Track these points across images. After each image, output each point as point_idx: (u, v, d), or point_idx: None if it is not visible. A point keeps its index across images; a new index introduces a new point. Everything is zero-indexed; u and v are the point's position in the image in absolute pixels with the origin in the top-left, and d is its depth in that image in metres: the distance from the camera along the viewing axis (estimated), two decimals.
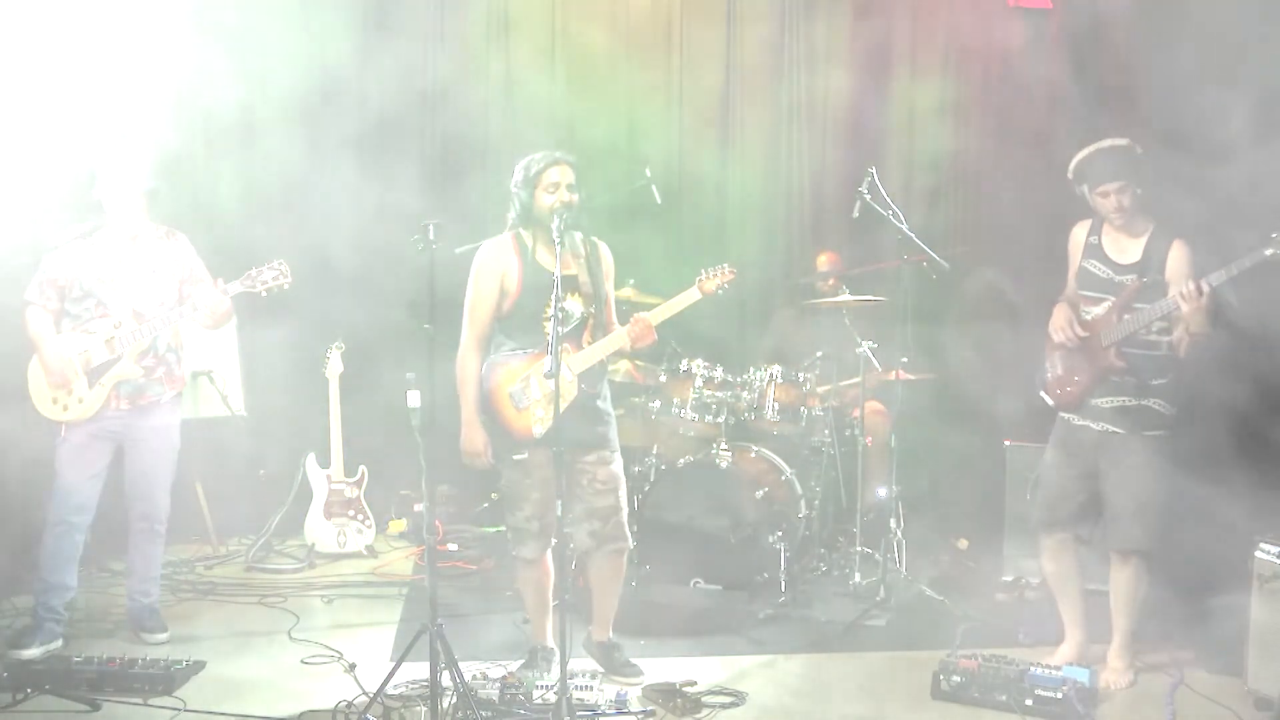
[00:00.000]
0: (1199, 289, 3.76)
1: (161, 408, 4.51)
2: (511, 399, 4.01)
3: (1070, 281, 4.28)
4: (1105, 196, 4.04)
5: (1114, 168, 4.00)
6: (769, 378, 5.35)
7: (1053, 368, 4.25)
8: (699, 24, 6.67)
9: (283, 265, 4.38)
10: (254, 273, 4.36)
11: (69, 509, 4.40)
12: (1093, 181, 4.06)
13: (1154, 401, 4.06)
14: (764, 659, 4.45)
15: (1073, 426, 4.21)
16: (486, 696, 3.83)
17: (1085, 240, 4.20)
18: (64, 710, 3.86)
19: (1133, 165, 4.01)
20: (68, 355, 4.33)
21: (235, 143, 6.22)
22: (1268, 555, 3.94)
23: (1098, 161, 4.04)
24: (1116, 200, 4.02)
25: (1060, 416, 4.27)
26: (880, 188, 4.88)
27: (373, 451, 5.95)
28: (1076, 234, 4.26)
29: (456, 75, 6.46)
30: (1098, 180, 4.04)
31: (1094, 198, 4.09)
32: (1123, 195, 4.01)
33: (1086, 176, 4.08)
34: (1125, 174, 3.99)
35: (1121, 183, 3.99)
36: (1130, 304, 4.03)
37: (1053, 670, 3.98)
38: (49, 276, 4.39)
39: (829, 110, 6.75)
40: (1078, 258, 4.22)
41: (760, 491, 5.04)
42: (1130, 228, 4.08)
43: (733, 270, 4.10)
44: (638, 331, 3.99)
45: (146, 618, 4.58)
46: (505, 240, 4.11)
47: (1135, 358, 4.04)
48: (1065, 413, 4.24)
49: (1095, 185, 4.05)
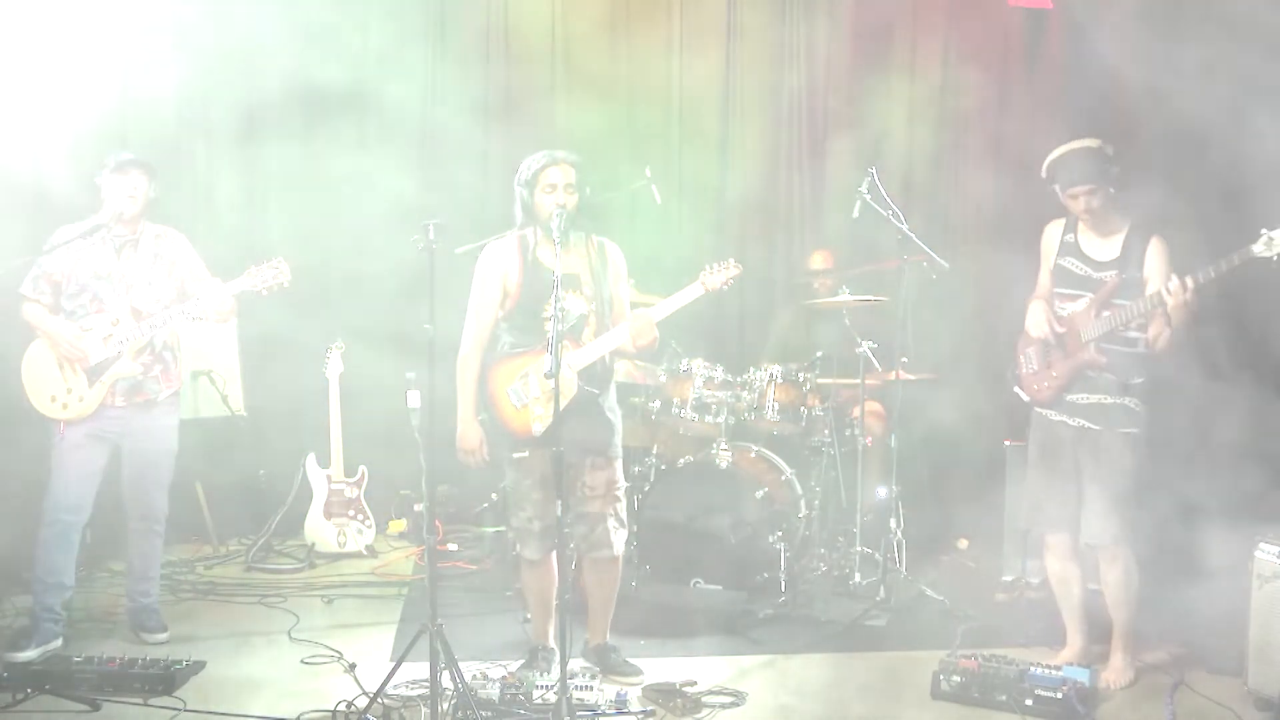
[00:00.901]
0: (1184, 285, 3.77)
1: (158, 406, 4.50)
2: (511, 396, 4.02)
3: (1044, 279, 4.29)
4: (1074, 199, 4.06)
5: (1083, 170, 4.02)
6: (769, 378, 5.34)
7: (1027, 363, 4.27)
8: (699, 24, 6.67)
9: (281, 263, 4.37)
10: (254, 270, 4.36)
11: (65, 508, 4.38)
12: (1063, 183, 4.08)
13: (1130, 400, 4.08)
14: (764, 659, 4.45)
15: (1050, 423, 4.22)
16: (486, 696, 3.83)
17: (1060, 238, 4.22)
18: (64, 710, 3.86)
19: (1102, 167, 4.02)
20: (71, 336, 4.30)
21: (235, 142, 6.22)
22: (1268, 555, 3.94)
23: (1068, 163, 4.06)
24: (1085, 202, 4.04)
25: (1036, 413, 4.29)
26: (880, 188, 4.89)
27: (373, 451, 5.95)
28: (1050, 232, 4.28)
29: (457, 74, 6.45)
30: (1068, 182, 4.06)
31: (1064, 198, 4.11)
32: (1092, 197, 4.03)
33: (1057, 177, 4.10)
34: (1094, 177, 4.00)
35: (1090, 185, 4.01)
36: (1109, 300, 4.04)
37: (1053, 670, 3.98)
38: (44, 271, 4.37)
39: (829, 110, 6.75)
40: (1052, 255, 4.24)
41: (760, 491, 5.04)
42: (1104, 226, 4.10)
43: (738, 265, 4.09)
44: (638, 328, 3.98)
45: (146, 618, 4.58)
46: (509, 240, 4.11)
47: (1115, 354, 4.06)
48: (1041, 408, 4.25)
49: (1065, 187, 4.08)
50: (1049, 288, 4.25)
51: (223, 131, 6.21)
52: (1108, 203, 4.06)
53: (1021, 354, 4.30)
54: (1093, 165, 4.02)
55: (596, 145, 6.06)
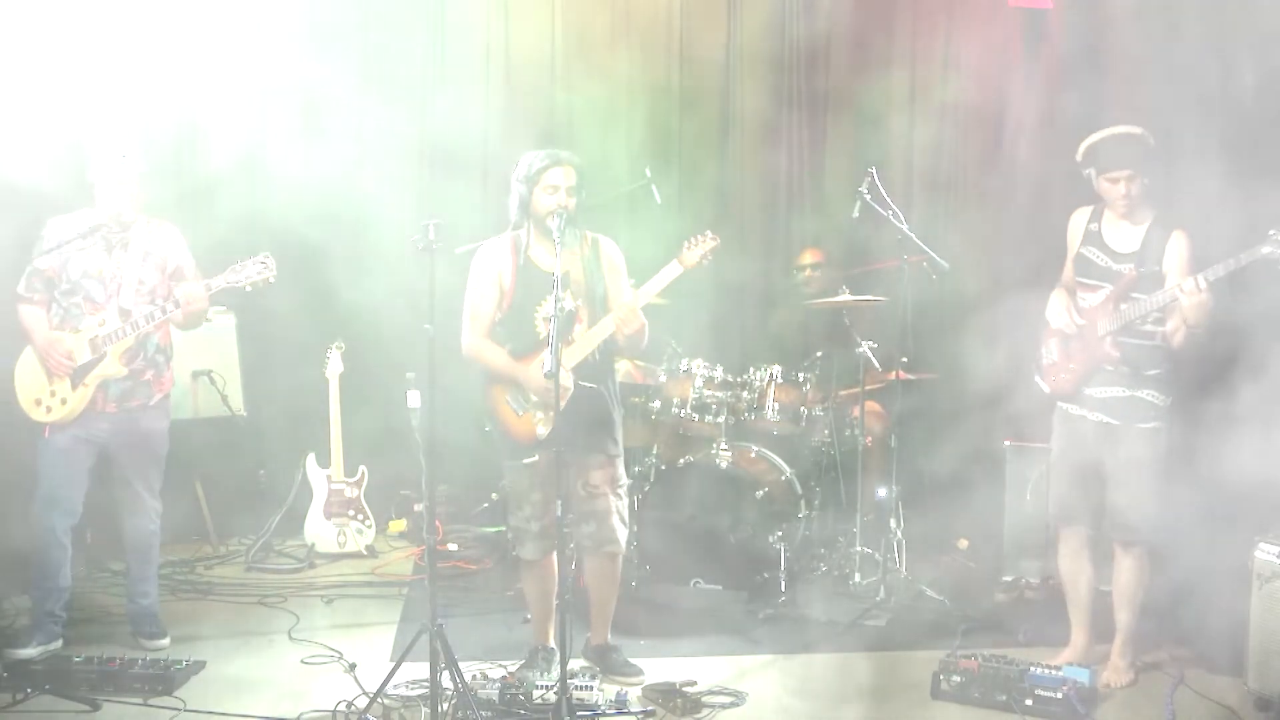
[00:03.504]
0: (1198, 284, 3.76)
1: (148, 411, 4.45)
2: (512, 404, 4.01)
3: (1068, 267, 4.28)
4: (1115, 183, 4.03)
5: (1127, 155, 4.00)
6: (769, 378, 5.34)
7: (1049, 354, 4.26)
8: (699, 23, 6.66)
9: (268, 259, 4.30)
10: (238, 267, 4.29)
11: (53, 512, 4.36)
12: (1102, 166, 4.04)
13: (1147, 393, 4.06)
14: (764, 659, 4.45)
15: (1071, 417, 4.22)
16: (486, 696, 3.83)
17: (1085, 226, 4.20)
18: (64, 710, 3.86)
19: (1144, 155, 4.01)
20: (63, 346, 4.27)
21: (233, 141, 6.21)
22: (1268, 555, 3.94)
23: (1111, 147, 4.03)
24: (1126, 187, 4.01)
25: (1059, 407, 4.28)
26: (880, 188, 4.89)
27: (373, 451, 5.95)
28: (1076, 220, 4.25)
29: (457, 74, 6.45)
30: (1108, 165, 4.02)
31: (1101, 182, 4.07)
32: (1131, 183, 4.01)
33: (1097, 161, 4.06)
34: (1136, 163, 3.99)
35: (1131, 171, 3.99)
36: (1126, 293, 4.03)
37: (1053, 670, 3.98)
38: (37, 268, 4.34)
39: (829, 110, 6.74)
40: (1077, 244, 4.22)
41: (760, 491, 5.04)
42: (1132, 216, 4.08)
43: (715, 237, 4.04)
44: (623, 315, 3.96)
45: (147, 623, 4.55)
46: (503, 240, 4.11)
47: (1130, 348, 4.04)
48: (1062, 401, 4.24)
49: (1105, 170, 4.04)
50: (1072, 276, 4.24)
51: (221, 129, 6.20)
52: (1143, 191, 4.04)
53: (1044, 344, 4.29)
54: (1136, 151, 4.00)
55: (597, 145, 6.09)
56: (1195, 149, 4.89)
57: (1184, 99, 5.22)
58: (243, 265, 4.29)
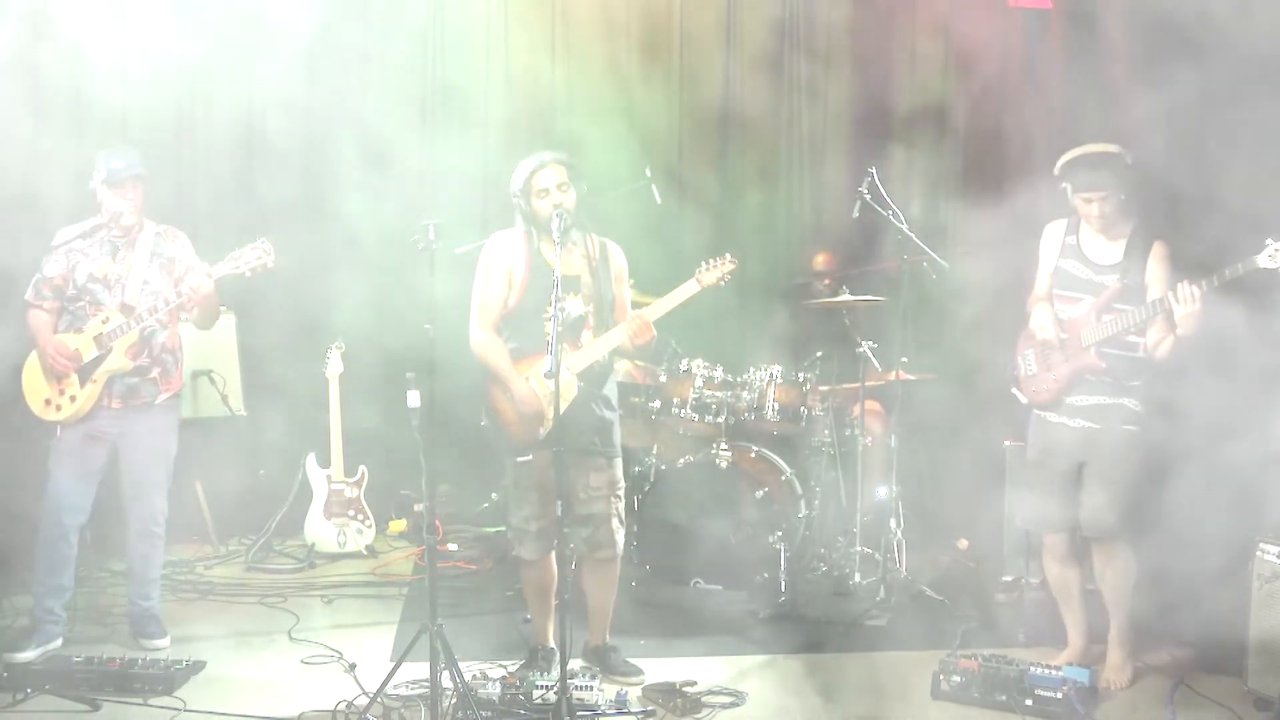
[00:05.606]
0: (1193, 294, 3.75)
1: (155, 410, 4.46)
2: (510, 403, 4.01)
3: (1042, 280, 4.26)
4: (1088, 202, 4.03)
5: (1101, 176, 3.98)
6: (769, 378, 5.34)
7: (1026, 365, 4.26)
8: (700, 23, 6.67)
9: (265, 244, 4.28)
10: (237, 253, 4.28)
11: (63, 510, 4.37)
12: (1076, 185, 4.05)
13: (1129, 400, 4.08)
14: (764, 659, 4.45)
15: (1049, 424, 4.22)
16: (486, 696, 3.83)
17: (1062, 240, 4.19)
18: (64, 710, 3.87)
19: (1119, 173, 3.99)
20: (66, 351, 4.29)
21: (234, 141, 6.21)
22: (1268, 555, 3.94)
23: (1085, 166, 4.02)
24: (1099, 208, 4.01)
25: (1035, 414, 4.28)
26: (880, 187, 4.89)
27: (373, 451, 5.95)
28: (1051, 233, 4.25)
29: (457, 73, 6.45)
30: (1082, 185, 4.02)
31: (1076, 200, 4.08)
32: (1105, 203, 4.00)
33: (1071, 178, 4.07)
34: (1111, 183, 3.98)
35: (1105, 192, 3.98)
36: (1110, 305, 4.03)
37: (1053, 670, 3.98)
38: (45, 276, 4.37)
39: (829, 109, 6.75)
40: (1053, 257, 4.21)
41: (760, 491, 5.04)
42: (1110, 230, 4.08)
43: (733, 260, 4.08)
44: (635, 328, 3.97)
45: (147, 623, 4.55)
46: (515, 233, 4.10)
47: (1114, 358, 4.04)
48: (1040, 410, 4.24)
49: (1079, 190, 4.04)
50: (1049, 289, 4.24)
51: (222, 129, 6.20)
52: (1119, 208, 4.03)
53: (1020, 355, 4.29)
54: (1110, 171, 3.98)
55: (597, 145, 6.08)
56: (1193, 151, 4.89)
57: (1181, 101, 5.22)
58: (241, 252, 4.29)
